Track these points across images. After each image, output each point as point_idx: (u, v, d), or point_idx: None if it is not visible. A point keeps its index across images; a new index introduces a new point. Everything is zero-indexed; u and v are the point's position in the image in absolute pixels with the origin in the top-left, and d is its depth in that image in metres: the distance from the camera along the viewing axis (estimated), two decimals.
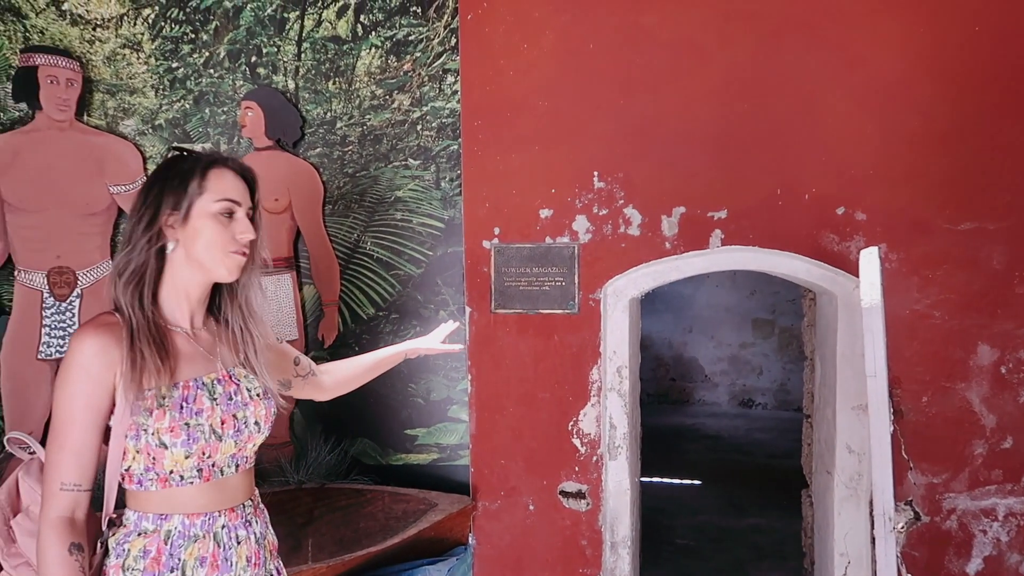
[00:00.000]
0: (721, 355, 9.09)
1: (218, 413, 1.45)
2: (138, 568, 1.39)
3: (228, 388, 1.49)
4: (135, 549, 1.40)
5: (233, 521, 1.48)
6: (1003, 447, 2.75)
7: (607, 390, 3.06)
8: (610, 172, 3.01)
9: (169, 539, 1.41)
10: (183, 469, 1.41)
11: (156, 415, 1.37)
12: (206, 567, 1.43)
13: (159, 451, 1.38)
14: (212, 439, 1.43)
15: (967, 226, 2.77)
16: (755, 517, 5.42)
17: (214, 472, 1.46)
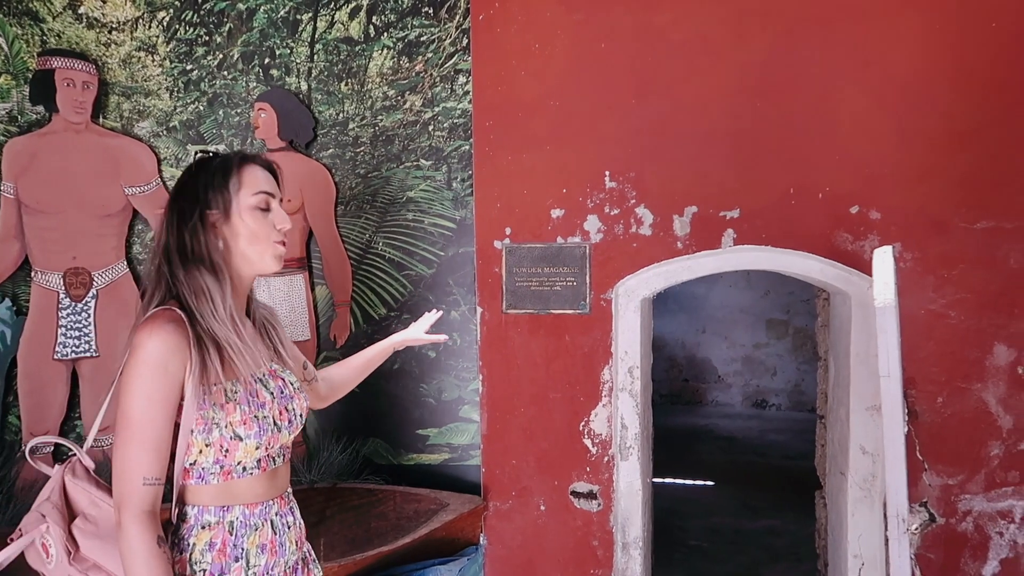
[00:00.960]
0: (735, 356, 9.05)
1: (276, 406, 1.52)
2: (206, 561, 1.43)
3: (276, 382, 1.56)
4: (200, 543, 1.44)
5: (283, 508, 1.56)
6: (1020, 448, 2.72)
7: (618, 390, 3.06)
8: (622, 172, 3.00)
9: (233, 530, 1.46)
10: (249, 460, 1.47)
11: (227, 409, 1.43)
12: (266, 553, 1.49)
13: (233, 443, 1.44)
14: (274, 431, 1.50)
15: (984, 225, 2.74)
16: (769, 518, 5.39)
17: (269, 462, 1.52)
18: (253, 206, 1.48)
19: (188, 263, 1.44)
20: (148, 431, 1.36)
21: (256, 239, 1.48)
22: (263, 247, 1.49)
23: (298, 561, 1.59)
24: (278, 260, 1.52)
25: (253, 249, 1.48)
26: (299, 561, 1.60)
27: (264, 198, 1.50)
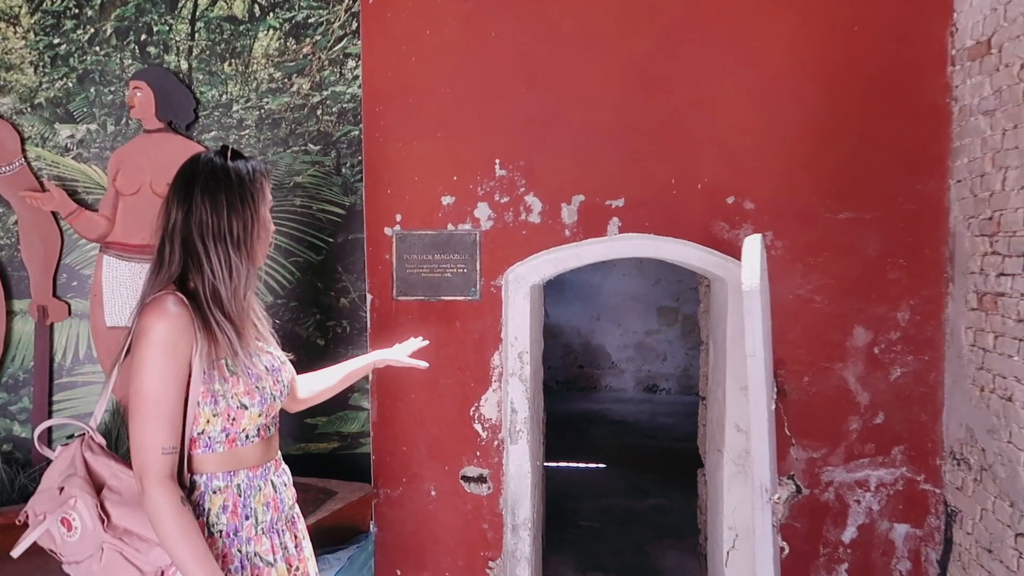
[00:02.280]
0: (627, 342, 9.33)
1: (270, 377, 1.65)
2: (221, 522, 1.58)
3: (266, 356, 1.68)
4: (215, 506, 1.57)
5: (278, 468, 1.71)
6: (875, 422, 2.94)
7: (508, 375, 3.10)
8: (512, 160, 3.04)
9: (241, 492, 1.61)
10: (251, 428, 1.62)
11: (231, 382, 1.56)
12: (270, 510, 1.65)
13: (240, 412, 1.57)
14: (270, 400, 1.64)
15: (846, 215, 2.94)
16: (658, 498, 5.60)
17: (266, 430, 1.66)
18: (267, 212, 1.65)
19: (229, 246, 1.57)
20: (163, 406, 1.49)
21: (268, 236, 1.66)
22: (265, 247, 1.67)
23: (295, 515, 1.76)
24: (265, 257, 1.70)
25: (262, 249, 1.65)
26: (296, 515, 1.77)
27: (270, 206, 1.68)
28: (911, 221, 2.91)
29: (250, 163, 1.64)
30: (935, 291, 2.91)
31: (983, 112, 2.65)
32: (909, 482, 2.94)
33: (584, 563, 4.43)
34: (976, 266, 2.69)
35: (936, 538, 2.93)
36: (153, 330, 1.48)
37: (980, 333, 2.66)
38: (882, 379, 2.94)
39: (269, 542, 1.64)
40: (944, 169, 2.90)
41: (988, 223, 2.60)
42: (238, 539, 1.59)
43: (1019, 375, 2.40)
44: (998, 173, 2.54)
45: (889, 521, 2.94)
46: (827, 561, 2.98)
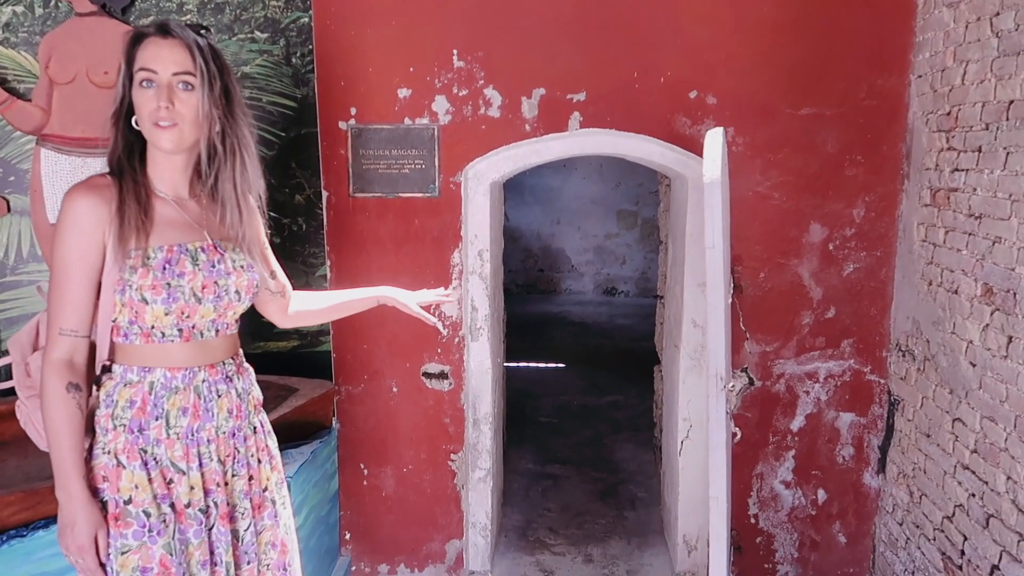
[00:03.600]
0: (587, 246, 9.37)
1: (200, 278, 1.57)
2: (126, 417, 1.54)
3: (212, 256, 1.60)
4: (122, 400, 1.55)
5: (214, 376, 1.62)
6: (827, 317, 3.02)
7: (468, 273, 3.09)
8: (470, 51, 2.93)
9: (153, 390, 1.56)
10: (163, 326, 1.55)
11: (140, 273, 1.50)
12: (188, 416, 1.58)
13: (140, 306, 1.52)
14: (192, 301, 1.56)
15: (807, 111, 2.92)
16: (614, 395, 5.77)
17: (194, 333, 1.59)
18: (137, 83, 1.50)
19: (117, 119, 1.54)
20: (65, 286, 1.49)
21: (141, 119, 1.51)
22: (147, 127, 1.51)
23: (236, 429, 1.66)
24: (169, 142, 1.52)
25: (143, 127, 1.52)
26: (237, 430, 1.66)
27: (144, 75, 1.49)
28: (871, 117, 2.91)
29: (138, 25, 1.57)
30: (890, 188, 2.94)
31: (947, 4, 2.61)
32: (856, 373, 3.05)
33: (543, 456, 4.58)
34: (932, 162, 2.71)
35: (879, 425, 3.07)
36: (63, 209, 1.49)
37: (932, 228, 2.71)
38: (835, 275, 3.00)
39: (183, 449, 1.58)
40: (906, 64, 2.88)
41: (946, 118, 2.61)
42: (143, 437, 1.55)
43: (966, 268, 2.47)
44: (959, 67, 2.53)
45: (835, 410, 3.07)
46: (775, 448, 3.11)
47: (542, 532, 3.67)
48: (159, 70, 1.49)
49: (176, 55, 1.49)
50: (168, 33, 1.51)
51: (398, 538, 3.25)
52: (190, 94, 1.50)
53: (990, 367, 2.31)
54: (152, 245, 1.53)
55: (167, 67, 1.49)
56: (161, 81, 1.49)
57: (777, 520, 3.16)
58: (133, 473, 1.54)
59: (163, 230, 1.56)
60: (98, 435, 1.57)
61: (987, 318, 2.33)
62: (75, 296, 1.49)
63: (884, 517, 3.06)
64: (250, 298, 1.69)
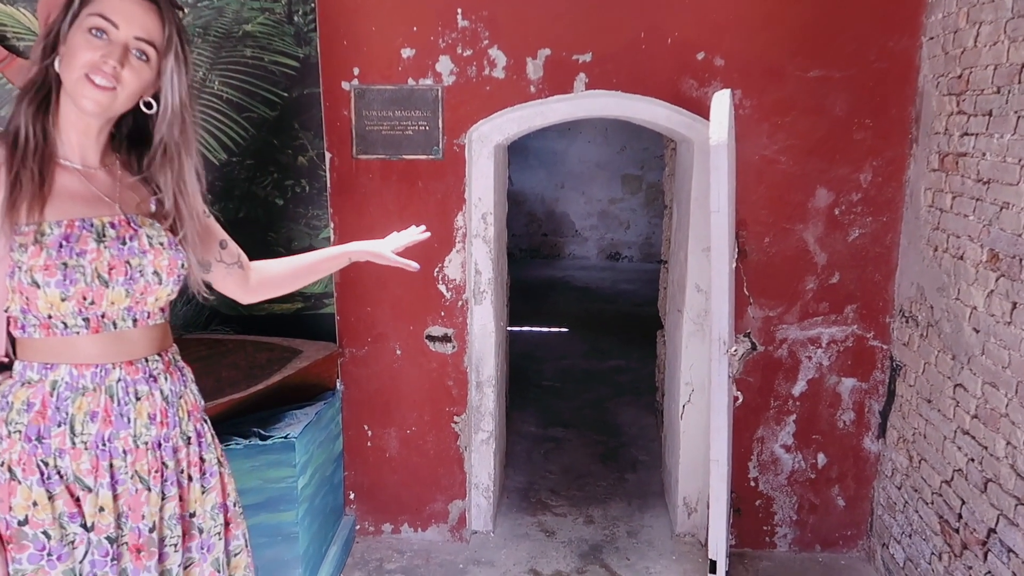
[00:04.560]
0: (591, 210, 9.34)
1: (105, 257, 1.33)
2: (21, 422, 1.31)
3: (123, 233, 1.37)
4: (18, 401, 1.31)
5: (132, 375, 1.38)
6: (831, 282, 3.01)
7: (472, 236, 3.09)
8: (475, 10, 2.89)
9: (55, 390, 1.32)
10: (63, 314, 1.32)
11: (32, 251, 1.27)
12: (97, 422, 1.34)
13: (31, 290, 1.28)
14: (96, 284, 1.32)
15: (816, 74, 2.87)
16: (617, 359, 5.79)
17: (104, 324, 1.35)
18: (85, 28, 1.27)
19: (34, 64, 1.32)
20: None
21: (72, 67, 1.27)
22: (75, 78, 1.27)
23: (162, 439, 1.42)
24: (92, 103, 1.29)
25: (68, 77, 1.28)
26: (164, 439, 1.42)
27: (99, 22, 1.27)
28: (880, 80, 2.86)
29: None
30: (898, 152, 2.91)
31: None
32: (859, 339, 3.05)
33: (546, 419, 4.62)
34: (941, 126, 2.68)
35: (880, 391, 3.08)
36: None
37: (939, 194, 2.69)
38: (840, 240, 2.98)
39: (91, 461, 1.34)
40: (917, 26, 2.83)
41: (957, 81, 2.57)
42: (43, 447, 1.31)
43: (972, 234, 2.45)
44: (972, 29, 2.48)
45: (837, 375, 3.08)
46: (777, 413, 3.13)
47: (544, 494, 3.72)
48: (120, 25, 1.28)
49: (146, 19, 1.31)
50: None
51: (402, 498, 3.30)
52: (143, 65, 1.32)
53: (993, 333, 2.31)
54: (48, 219, 1.29)
55: (131, 26, 1.29)
56: (118, 38, 1.29)
57: (777, 483, 3.19)
58: (31, 489, 1.30)
59: (63, 203, 1.33)
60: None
61: (992, 284, 2.32)
62: None
63: (883, 481, 3.09)
64: (174, 280, 1.43)
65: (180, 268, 1.44)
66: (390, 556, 3.19)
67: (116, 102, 1.32)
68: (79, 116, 1.34)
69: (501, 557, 3.18)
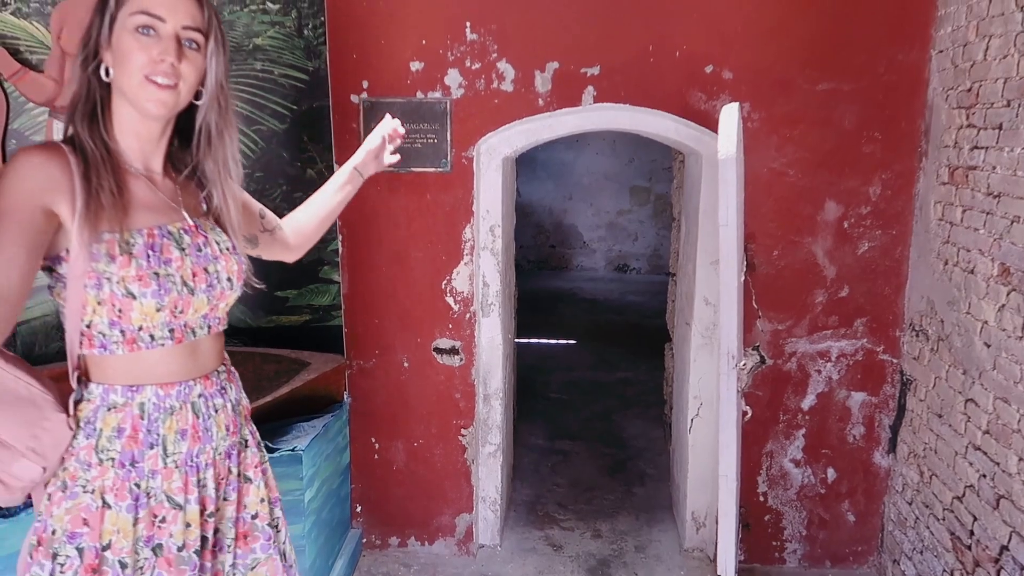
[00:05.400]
0: (599, 222, 9.34)
1: (188, 264, 1.32)
2: (114, 449, 1.27)
3: (196, 239, 1.36)
4: (108, 428, 1.28)
5: (209, 389, 1.38)
6: (840, 295, 3.00)
7: (480, 249, 3.09)
8: (483, 23, 2.90)
9: (144, 413, 1.29)
10: (153, 325, 1.29)
11: (120, 262, 1.23)
12: (187, 439, 1.33)
13: (126, 301, 1.24)
14: (184, 292, 1.30)
15: (825, 86, 2.87)
16: (625, 371, 5.77)
17: (186, 333, 1.34)
18: (131, 28, 1.23)
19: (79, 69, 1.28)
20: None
21: (128, 72, 1.23)
22: (135, 83, 1.24)
23: (232, 446, 1.44)
24: (157, 104, 1.25)
25: (127, 82, 1.24)
26: (233, 446, 1.44)
27: (145, 20, 1.23)
28: (889, 93, 2.86)
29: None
30: (908, 165, 2.90)
31: None
32: (868, 352, 3.03)
33: (553, 431, 4.61)
34: (951, 139, 2.67)
35: (890, 405, 3.06)
36: (5, 167, 1.20)
37: (949, 207, 2.68)
38: (849, 253, 2.97)
39: (182, 479, 1.33)
40: (927, 38, 2.82)
41: (967, 95, 2.56)
42: (136, 471, 1.29)
43: (983, 248, 2.44)
44: (981, 42, 2.48)
45: (847, 389, 3.06)
46: (786, 427, 3.10)
47: (551, 507, 3.70)
48: (167, 18, 1.24)
49: (188, 5, 1.26)
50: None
51: (408, 511, 3.28)
52: (195, 54, 1.28)
53: (1005, 348, 2.29)
54: (130, 228, 1.26)
55: (177, 16, 1.24)
56: (167, 32, 1.24)
57: (786, 498, 3.17)
58: (118, 515, 1.28)
59: (137, 211, 1.29)
60: (75, 470, 1.28)
61: (1003, 298, 2.31)
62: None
63: (893, 496, 3.06)
64: (240, 285, 1.44)
65: (244, 272, 1.46)
66: (397, 570, 3.18)
67: (179, 98, 1.29)
68: (139, 120, 1.30)
69: (508, 571, 3.16)
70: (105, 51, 1.26)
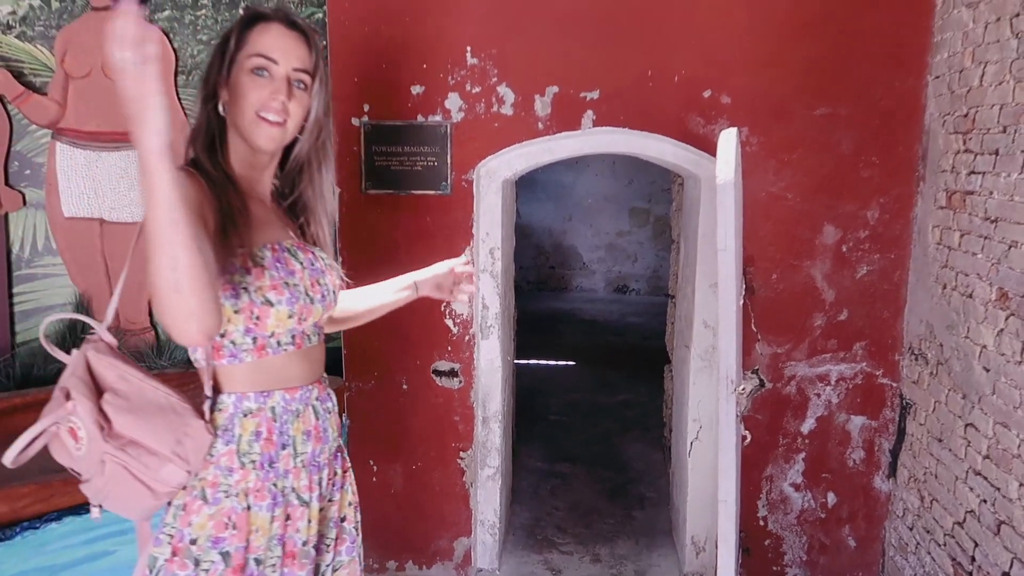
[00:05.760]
0: (599, 243, 9.36)
1: (307, 276, 1.43)
2: (254, 452, 1.36)
3: (306, 255, 1.47)
4: (247, 432, 1.36)
5: (321, 393, 1.50)
6: (839, 319, 3.00)
7: (480, 271, 3.09)
8: (483, 48, 2.93)
9: (276, 416, 1.39)
10: (281, 332, 1.39)
11: (255, 273, 1.34)
12: (311, 440, 1.44)
13: (264, 309, 1.34)
14: (306, 301, 1.41)
15: (822, 111, 2.89)
16: (624, 393, 5.76)
17: (304, 339, 1.44)
18: (248, 69, 1.35)
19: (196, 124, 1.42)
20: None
21: (244, 109, 1.35)
22: (249, 120, 1.35)
23: (337, 448, 1.55)
24: (268, 139, 1.37)
25: (241, 119, 1.36)
26: (337, 448, 1.55)
27: (260, 62, 1.35)
28: (887, 118, 2.88)
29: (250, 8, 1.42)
30: (905, 190, 2.92)
31: (966, 4, 2.58)
32: (868, 376, 3.03)
33: (552, 454, 4.58)
34: (948, 164, 2.69)
35: (890, 429, 3.05)
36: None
37: (947, 231, 2.69)
38: (848, 277, 2.97)
39: (308, 477, 1.44)
40: (923, 65, 2.85)
41: (963, 120, 2.58)
42: (274, 471, 1.38)
43: (981, 272, 2.44)
44: (977, 68, 2.50)
45: (847, 413, 3.05)
46: (786, 451, 3.09)
47: (550, 531, 3.67)
48: (280, 60, 1.36)
49: (299, 49, 1.38)
50: (293, 24, 1.39)
51: (406, 535, 3.26)
52: (303, 93, 1.40)
53: (1004, 372, 2.28)
54: (257, 244, 1.38)
55: (289, 59, 1.36)
56: (279, 73, 1.36)
57: (786, 523, 3.15)
58: (258, 515, 1.37)
59: (258, 228, 1.40)
60: (215, 476, 1.35)
61: (1002, 323, 2.31)
62: None
63: (894, 521, 3.04)
64: (337, 298, 1.55)
65: (340, 284, 1.57)
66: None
67: (287, 134, 1.40)
68: (250, 152, 1.41)
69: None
70: (222, 89, 1.38)
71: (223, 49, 1.37)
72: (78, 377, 1.27)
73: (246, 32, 1.37)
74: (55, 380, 1.31)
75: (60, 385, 1.29)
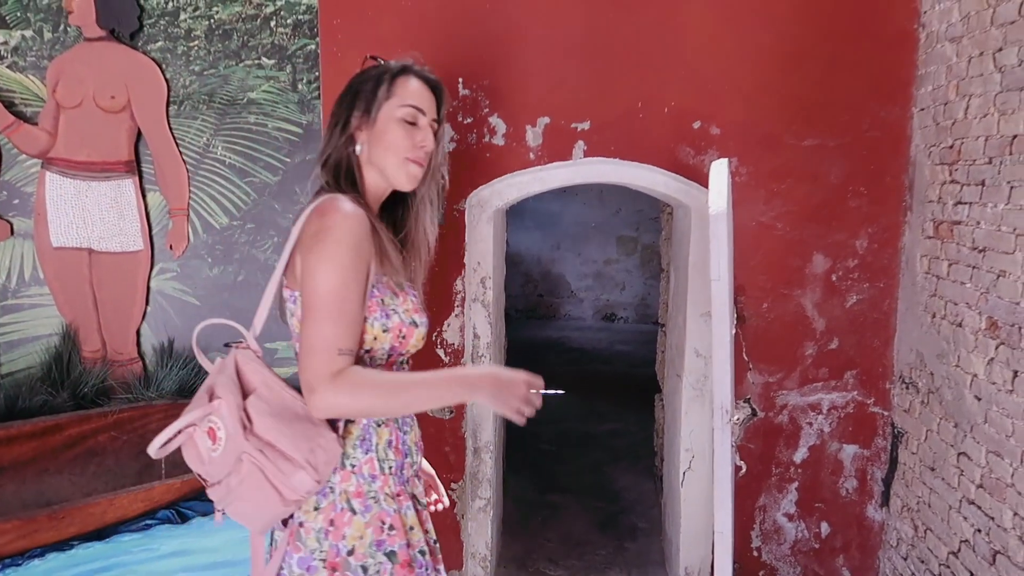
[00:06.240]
0: (587, 271, 9.38)
1: (420, 304, 1.57)
2: (390, 459, 1.48)
3: (415, 288, 1.60)
4: (382, 440, 1.47)
5: None
6: (830, 348, 3.01)
7: (471, 301, 3.09)
8: (475, 79, 2.95)
9: (400, 427, 1.52)
10: (412, 351, 1.55)
11: (401, 298, 1.49)
12: (419, 451, 1.59)
13: (410, 329, 1.49)
14: (424, 328, 1.55)
15: (810, 142, 2.93)
16: (614, 422, 5.73)
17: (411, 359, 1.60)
18: (399, 117, 1.49)
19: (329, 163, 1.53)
20: (346, 305, 1.36)
21: (392, 151, 1.49)
22: (397, 161, 1.49)
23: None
24: (412, 178, 1.52)
25: (387, 160, 1.50)
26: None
27: (412, 112, 1.50)
28: (873, 149, 2.92)
29: (391, 62, 1.56)
30: (893, 219, 2.95)
31: (950, 39, 2.63)
32: (859, 405, 3.03)
33: (543, 484, 4.54)
34: (935, 195, 2.72)
35: (882, 458, 3.05)
36: (341, 230, 1.37)
37: (935, 261, 2.71)
38: (838, 306, 2.99)
39: (422, 485, 1.61)
40: (908, 97, 2.90)
41: (949, 151, 2.62)
42: (402, 478, 1.51)
43: (970, 301, 2.46)
44: (961, 101, 2.55)
45: (839, 442, 3.05)
46: (779, 480, 3.08)
47: (542, 563, 3.63)
48: (426, 111, 1.52)
49: (434, 102, 1.55)
50: (430, 79, 1.56)
51: None
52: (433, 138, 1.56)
53: (996, 401, 2.29)
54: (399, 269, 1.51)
55: (431, 110, 1.54)
56: (424, 123, 1.52)
57: (780, 553, 3.13)
58: (408, 514, 1.50)
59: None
60: (359, 485, 1.45)
61: (992, 352, 2.32)
62: (355, 317, 1.38)
63: (888, 551, 3.03)
64: None
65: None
66: None
67: (423, 174, 1.55)
68: (382, 188, 1.55)
69: None
70: (362, 132, 1.51)
71: (372, 96, 1.50)
72: (227, 376, 1.40)
73: (396, 82, 1.51)
74: (40, 412, 1.36)
75: (206, 384, 1.43)
